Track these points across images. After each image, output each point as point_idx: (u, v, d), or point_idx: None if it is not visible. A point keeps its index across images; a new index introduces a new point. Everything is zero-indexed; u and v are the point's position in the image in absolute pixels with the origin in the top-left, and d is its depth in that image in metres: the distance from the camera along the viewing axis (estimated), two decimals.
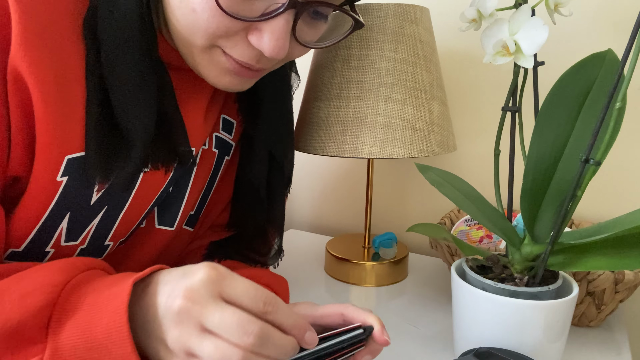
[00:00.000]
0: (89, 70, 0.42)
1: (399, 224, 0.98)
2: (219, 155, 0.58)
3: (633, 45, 0.39)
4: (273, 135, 0.58)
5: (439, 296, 0.73)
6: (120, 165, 0.43)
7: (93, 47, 0.42)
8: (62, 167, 0.42)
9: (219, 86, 0.47)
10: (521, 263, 0.51)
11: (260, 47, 0.41)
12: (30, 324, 0.34)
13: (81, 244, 0.46)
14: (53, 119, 0.40)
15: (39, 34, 0.39)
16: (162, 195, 0.51)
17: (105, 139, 0.43)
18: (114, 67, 0.42)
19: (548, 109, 0.50)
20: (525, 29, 0.46)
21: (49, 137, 0.40)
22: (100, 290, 0.36)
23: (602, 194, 0.80)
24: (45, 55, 0.39)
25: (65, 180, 0.42)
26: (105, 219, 0.47)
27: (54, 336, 0.34)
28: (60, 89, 0.40)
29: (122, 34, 0.42)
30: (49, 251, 0.45)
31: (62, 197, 0.43)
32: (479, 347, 0.48)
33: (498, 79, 0.85)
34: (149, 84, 0.43)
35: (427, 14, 0.72)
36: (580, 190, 0.44)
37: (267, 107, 0.57)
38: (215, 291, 0.34)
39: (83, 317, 0.35)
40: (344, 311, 0.42)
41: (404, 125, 0.66)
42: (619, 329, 0.63)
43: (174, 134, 0.48)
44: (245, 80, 0.47)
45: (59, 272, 0.37)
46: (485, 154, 0.88)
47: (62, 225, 0.44)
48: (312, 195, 1.08)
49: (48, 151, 0.40)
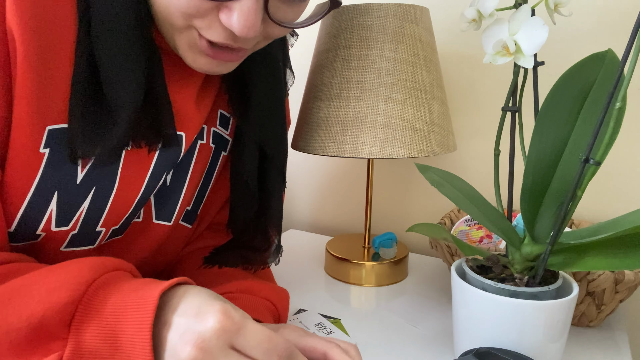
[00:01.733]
0: (79, 43, 0.42)
1: (399, 224, 0.98)
2: (215, 150, 0.58)
3: (633, 45, 0.39)
4: (263, 129, 0.58)
5: (439, 296, 0.73)
6: (103, 138, 0.43)
7: (84, 19, 0.42)
8: (44, 138, 0.41)
9: (195, 67, 0.46)
10: (521, 263, 0.51)
11: (230, 26, 0.40)
12: (54, 319, 0.34)
13: (72, 229, 0.46)
14: (33, 82, 0.40)
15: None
16: (152, 181, 0.51)
17: (90, 111, 0.42)
18: (105, 39, 0.42)
19: (548, 109, 0.50)
20: (525, 29, 0.47)
21: (29, 106, 0.40)
22: (126, 293, 0.36)
23: (602, 194, 0.81)
24: (33, 17, 0.39)
25: (48, 152, 0.42)
26: (95, 201, 0.47)
27: (76, 334, 0.35)
28: (44, 57, 0.40)
29: (115, 7, 0.42)
30: (40, 234, 0.45)
31: (46, 170, 0.43)
32: (479, 347, 0.48)
33: (498, 79, 0.85)
34: (139, 57, 0.43)
35: (427, 14, 0.72)
36: (580, 190, 0.44)
37: (256, 101, 0.57)
38: (227, 342, 0.34)
39: (107, 321, 0.35)
40: (328, 352, 0.41)
41: (404, 125, 0.66)
42: (619, 329, 0.63)
43: (160, 114, 0.47)
44: (222, 63, 0.46)
45: (87, 269, 0.37)
46: (485, 154, 0.88)
47: (52, 208, 0.44)
48: (312, 195, 1.08)
49: (28, 120, 0.40)
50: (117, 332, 0.34)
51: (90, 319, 0.35)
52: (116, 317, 0.35)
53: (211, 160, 0.58)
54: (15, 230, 0.44)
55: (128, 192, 0.49)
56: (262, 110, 0.57)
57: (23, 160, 0.41)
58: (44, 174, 0.43)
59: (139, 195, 0.50)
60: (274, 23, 0.44)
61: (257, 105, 0.57)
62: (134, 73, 0.43)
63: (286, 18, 0.45)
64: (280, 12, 0.44)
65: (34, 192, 0.43)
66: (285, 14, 0.45)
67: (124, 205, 0.49)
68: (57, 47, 0.41)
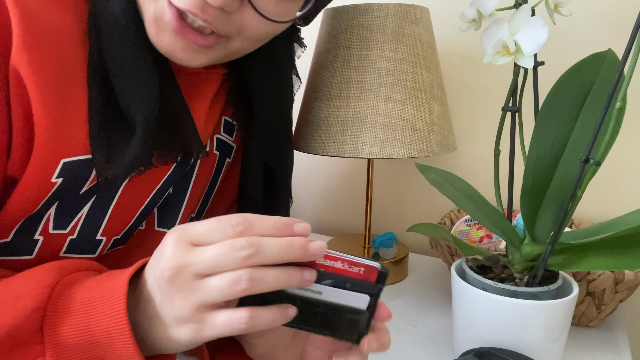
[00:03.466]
0: (92, 68, 0.42)
1: (399, 224, 0.98)
2: (220, 157, 0.58)
3: (633, 45, 0.39)
4: (267, 145, 0.57)
5: (439, 296, 0.73)
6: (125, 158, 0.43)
7: (96, 43, 0.42)
8: (57, 169, 0.42)
9: (158, 46, 0.43)
10: (521, 263, 0.51)
11: None
12: (24, 327, 0.34)
13: (70, 233, 0.46)
14: (51, 121, 0.40)
15: (40, 36, 0.39)
16: (158, 194, 0.51)
17: (111, 138, 0.43)
18: (114, 55, 0.42)
19: (548, 109, 0.50)
20: (525, 29, 0.47)
21: (46, 140, 0.40)
22: (92, 288, 0.36)
23: (602, 194, 0.80)
24: (45, 57, 0.39)
25: (60, 181, 0.42)
26: (95, 209, 0.46)
27: (51, 336, 0.34)
28: (60, 91, 0.40)
29: (117, 20, 0.42)
30: (38, 239, 0.45)
31: (54, 194, 0.43)
32: (479, 347, 0.48)
33: (498, 79, 0.85)
34: (148, 65, 0.43)
35: (427, 14, 0.72)
36: (580, 190, 0.44)
37: (261, 117, 0.56)
38: (186, 245, 0.33)
39: (79, 317, 0.35)
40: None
41: (404, 125, 0.66)
42: (619, 329, 0.63)
43: (181, 126, 0.47)
44: (187, 47, 0.43)
45: (47, 273, 0.37)
46: (485, 154, 0.88)
47: (50, 212, 0.44)
48: (312, 195, 1.08)
49: (43, 154, 0.40)
50: (91, 327, 0.34)
51: (61, 320, 0.35)
52: (87, 312, 0.34)
53: (216, 168, 0.58)
54: (12, 240, 0.44)
55: (130, 203, 0.49)
56: (266, 126, 0.57)
57: (33, 188, 0.41)
58: (52, 196, 0.43)
59: (143, 207, 0.50)
60: (252, 9, 0.41)
61: (261, 122, 0.56)
62: (145, 82, 0.43)
63: (268, 10, 0.43)
64: (264, 0, 0.42)
65: (38, 209, 0.43)
66: (268, 5, 0.42)
67: (125, 215, 0.49)
68: (70, 79, 0.41)
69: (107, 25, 0.42)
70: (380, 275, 0.35)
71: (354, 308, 0.35)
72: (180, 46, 0.43)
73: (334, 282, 0.35)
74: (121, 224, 0.49)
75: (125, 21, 0.42)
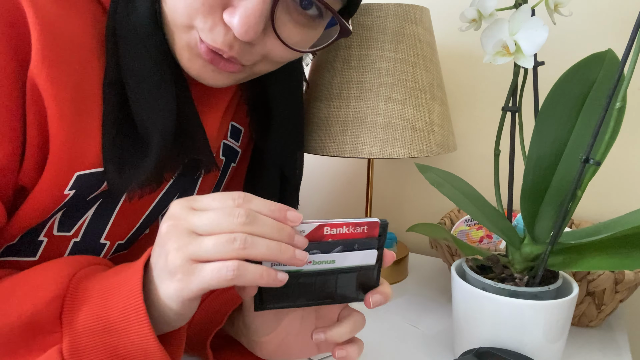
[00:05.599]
0: (107, 81, 0.42)
1: (399, 224, 0.98)
2: (225, 162, 0.58)
3: (633, 45, 0.39)
4: (284, 152, 0.58)
5: (439, 296, 0.73)
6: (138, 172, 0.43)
7: (114, 54, 0.42)
8: (71, 182, 0.42)
9: (189, 70, 0.45)
10: (521, 263, 0.51)
11: (230, 23, 0.40)
12: (44, 315, 0.35)
13: (74, 236, 0.46)
14: (67, 135, 0.40)
15: (60, 51, 0.39)
16: (162, 202, 0.51)
17: (124, 151, 0.43)
18: (134, 67, 0.42)
19: (548, 109, 0.50)
20: (525, 29, 0.46)
21: (62, 153, 0.40)
22: (108, 278, 0.37)
23: (602, 194, 0.80)
24: (63, 72, 0.40)
25: (72, 193, 0.43)
26: (99, 213, 0.47)
27: (69, 324, 0.35)
28: (77, 105, 0.41)
29: (138, 33, 0.42)
30: (42, 240, 0.45)
31: (66, 204, 0.43)
32: (479, 347, 0.48)
33: (498, 79, 0.85)
34: (167, 80, 0.44)
35: (427, 14, 0.72)
36: (580, 190, 0.44)
37: (279, 124, 0.57)
38: (188, 208, 0.35)
39: (96, 303, 0.35)
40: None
41: (404, 125, 0.66)
42: (619, 329, 0.63)
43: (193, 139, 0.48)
44: (217, 72, 0.45)
45: (65, 265, 0.38)
46: (485, 154, 0.88)
47: (56, 216, 0.45)
48: (312, 195, 1.08)
49: (58, 167, 0.41)
50: (107, 310, 0.35)
51: (78, 308, 0.35)
52: (105, 299, 0.35)
53: (221, 173, 0.59)
54: (17, 243, 0.44)
55: (133, 210, 0.49)
56: (284, 133, 0.58)
57: (45, 200, 0.42)
58: (62, 205, 0.43)
59: (146, 214, 0.50)
60: (277, 39, 0.43)
61: (279, 128, 0.57)
62: (164, 96, 0.43)
63: (291, 39, 0.44)
64: (287, 29, 0.44)
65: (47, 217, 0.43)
66: (290, 34, 0.44)
67: (128, 220, 0.49)
68: (87, 92, 0.41)
69: (131, 35, 0.42)
70: (381, 228, 0.37)
71: (366, 265, 0.38)
72: (210, 70, 0.45)
73: (344, 247, 0.37)
74: (125, 229, 0.50)
75: (151, 29, 0.43)
